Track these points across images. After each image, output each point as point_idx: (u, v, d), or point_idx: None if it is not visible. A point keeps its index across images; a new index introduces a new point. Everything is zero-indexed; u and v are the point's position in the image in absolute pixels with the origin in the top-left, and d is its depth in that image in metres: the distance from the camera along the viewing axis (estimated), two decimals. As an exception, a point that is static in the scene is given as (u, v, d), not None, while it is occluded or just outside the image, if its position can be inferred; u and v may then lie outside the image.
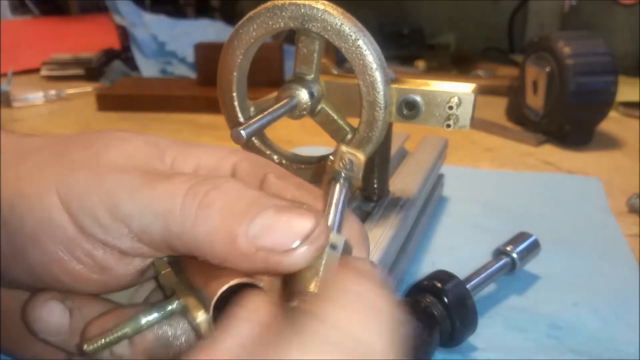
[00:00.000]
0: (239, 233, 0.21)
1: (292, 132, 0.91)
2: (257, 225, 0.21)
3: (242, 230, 0.21)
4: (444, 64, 1.47)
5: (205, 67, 1.14)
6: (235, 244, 0.21)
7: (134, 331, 0.22)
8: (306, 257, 0.21)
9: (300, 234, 0.21)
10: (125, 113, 1.09)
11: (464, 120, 0.41)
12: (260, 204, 0.21)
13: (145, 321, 0.22)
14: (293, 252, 0.21)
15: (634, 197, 0.65)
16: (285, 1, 0.38)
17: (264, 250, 0.21)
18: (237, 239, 0.21)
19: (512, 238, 0.51)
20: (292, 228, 0.21)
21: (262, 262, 0.21)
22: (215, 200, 0.21)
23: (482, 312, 0.45)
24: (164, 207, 0.21)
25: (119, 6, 1.44)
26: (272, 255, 0.21)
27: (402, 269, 0.49)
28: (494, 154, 0.87)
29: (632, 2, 1.33)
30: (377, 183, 0.48)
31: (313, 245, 0.21)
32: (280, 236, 0.21)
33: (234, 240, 0.21)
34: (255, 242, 0.21)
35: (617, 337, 0.43)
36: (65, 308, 0.24)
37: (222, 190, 0.22)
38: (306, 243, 0.21)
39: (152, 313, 0.22)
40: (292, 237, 0.21)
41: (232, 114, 0.44)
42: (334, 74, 0.45)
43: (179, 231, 0.21)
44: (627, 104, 1.08)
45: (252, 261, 0.21)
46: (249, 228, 0.21)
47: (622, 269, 0.53)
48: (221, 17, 1.83)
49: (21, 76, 1.40)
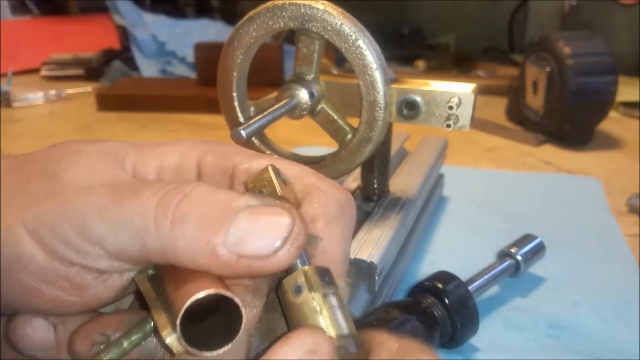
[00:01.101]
0: (218, 243, 0.20)
1: (292, 132, 0.91)
2: (234, 234, 0.20)
3: (219, 240, 0.20)
4: (444, 64, 1.47)
5: (205, 67, 1.14)
6: (216, 255, 0.20)
7: (119, 355, 0.22)
8: (289, 258, 0.21)
9: (279, 236, 0.21)
10: (125, 113, 1.09)
11: (464, 120, 0.41)
12: (233, 208, 0.21)
13: (128, 344, 0.22)
14: (275, 255, 0.20)
15: (634, 197, 0.65)
16: (285, 1, 0.38)
17: (246, 258, 0.20)
18: (217, 250, 0.20)
19: (516, 240, 0.51)
20: (271, 231, 0.21)
21: (245, 269, 0.21)
22: (187, 211, 0.21)
23: (484, 313, 0.45)
24: (138, 226, 0.21)
25: (119, 6, 1.44)
26: (255, 261, 0.20)
27: (402, 269, 0.49)
28: (494, 154, 0.87)
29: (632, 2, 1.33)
30: (377, 183, 0.48)
31: (293, 245, 0.21)
32: (260, 241, 0.20)
33: (214, 251, 0.20)
34: (236, 250, 0.20)
35: (617, 337, 0.43)
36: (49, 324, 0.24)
37: (193, 199, 0.21)
38: (287, 244, 0.21)
39: (133, 335, 0.22)
40: (272, 240, 0.20)
41: (232, 114, 0.44)
42: (334, 74, 0.45)
43: (156, 246, 0.21)
44: (627, 104, 1.08)
45: (235, 269, 0.21)
46: (227, 237, 0.20)
47: (622, 269, 0.53)
48: (221, 17, 1.83)
49: (21, 76, 1.40)
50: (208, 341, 0.20)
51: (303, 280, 0.20)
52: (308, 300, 0.20)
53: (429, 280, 0.41)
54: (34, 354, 0.24)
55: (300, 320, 0.20)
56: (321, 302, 0.20)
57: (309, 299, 0.20)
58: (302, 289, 0.20)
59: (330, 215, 0.24)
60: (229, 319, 0.20)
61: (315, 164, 0.44)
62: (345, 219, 0.25)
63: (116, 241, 0.21)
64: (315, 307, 0.20)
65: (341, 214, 0.24)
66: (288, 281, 0.21)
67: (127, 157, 0.25)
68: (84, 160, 0.23)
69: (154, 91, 1.14)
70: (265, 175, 0.23)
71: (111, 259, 0.22)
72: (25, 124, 1.05)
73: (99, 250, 0.21)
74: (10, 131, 0.99)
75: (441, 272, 0.42)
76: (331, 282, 0.21)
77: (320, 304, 0.20)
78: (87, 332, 0.23)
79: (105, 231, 0.21)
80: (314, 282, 0.20)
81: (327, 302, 0.20)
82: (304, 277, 0.21)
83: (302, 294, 0.20)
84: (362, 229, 0.43)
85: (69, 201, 0.21)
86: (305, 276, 0.21)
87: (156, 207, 0.21)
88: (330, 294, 0.20)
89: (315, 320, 0.20)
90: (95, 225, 0.21)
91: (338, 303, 0.20)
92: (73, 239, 0.21)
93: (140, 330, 0.22)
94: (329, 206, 0.24)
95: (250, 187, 0.24)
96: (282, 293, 0.21)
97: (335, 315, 0.20)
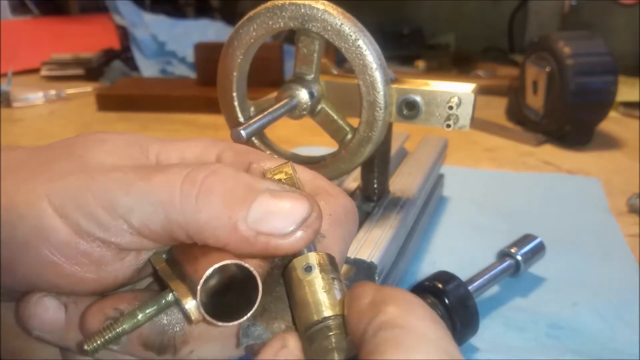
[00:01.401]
0: (239, 218, 0.21)
1: (292, 132, 0.91)
2: (255, 211, 0.21)
3: (242, 215, 0.21)
4: (444, 64, 1.47)
5: (205, 67, 1.14)
6: (237, 230, 0.21)
7: (132, 327, 0.22)
8: (304, 241, 0.22)
9: (297, 218, 0.22)
10: (125, 113, 1.09)
11: (464, 120, 0.41)
12: (256, 189, 0.22)
13: (142, 316, 0.22)
14: (291, 235, 0.22)
15: (634, 197, 0.65)
16: (285, 1, 0.38)
17: (264, 235, 0.21)
18: (238, 225, 0.21)
19: (516, 240, 0.51)
20: (290, 213, 0.22)
21: (262, 246, 0.22)
22: (214, 185, 0.21)
23: (484, 313, 0.45)
24: (163, 197, 0.21)
25: (119, 6, 1.44)
26: (272, 239, 0.21)
27: (402, 269, 0.49)
28: (494, 154, 0.87)
29: (632, 2, 1.33)
30: (377, 183, 0.48)
31: (309, 229, 0.22)
32: (279, 221, 0.22)
33: (235, 226, 0.21)
34: (256, 227, 0.21)
35: (617, 337, 0.43)
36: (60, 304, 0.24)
37: (220, 176, 0.22)
38: (303, 227, 0.22)
39: (148, 307, 0.22)
40: (291, 222, 0.22)
41: (232, 114, 0.44)
42: (334, 74, 0.45)
43: (180, 219, 0.21)
44: (627, 104, 1.08)
45: (253, 245, 0.21)
46: (249, 214, 0.21)
47: (622, 269, 0.53)
48: (221, 17, 1.83)
49: (21, 76, 1.40)
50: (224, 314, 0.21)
51: (315, 262, 0.22)
52: (318, 279, 0.21)
53: (429, 280, 0.41)
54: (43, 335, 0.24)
55: (306, 296, 0.21)
56: (329, 282, 0.21)
57: (319, 277, 0.21)
58: (312, 269, 0.22)
59: (336, 218, 0.25)
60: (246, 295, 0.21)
61: (315, 164, 0.44)
62: (348, 224, 0.26)
63: (141, 214, 0.21)
64: (323, 286, 0.21)
65: (345, 219, 0.26)
66: (299, 261, 0.22)
67: (151, 148, 0.26)
68: (109, 147, 0.24)
69: (154, 91, 1.14)
70: (284, 168, 0.25)
71: (133, 234, 0.22)
72: (25, 124, 1.05)
73: (122, 224, 0.22)
74: (10, 131, 0.99)
75: (441, 272, 0.42)
76: (337, 270, 0.23)
77: (329, 284, 0.21)
78: (100, 307, 0.23)
79: (130, 204, 0.21)
80: (324, 265, 0.22)
81: (334, 284, 0.22)
82: (316, 259, 0.22)
83: (312, 273, 0.22)
84: (362, 229, 0.43)
85: (95, 176, 0.22)
86: (317, 258, 0.22)
87: (183, 181, 0.22)
88: (337, 278, 0.22)
89: (320, 297, 0.21)
90: (120, 199, 0.21)
91: (341, 287, 0.22)
92: (98, 212, 0.21)
93: (155, 303, 0.22)
94: (336, 209, 0.25)
95: (268, 177, 0.25)
96: (289, 271, 0.22)
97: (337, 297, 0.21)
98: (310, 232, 0.22)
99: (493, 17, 1.65)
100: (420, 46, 1.63)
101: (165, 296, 0.22)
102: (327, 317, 0.20)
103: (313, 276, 0.21)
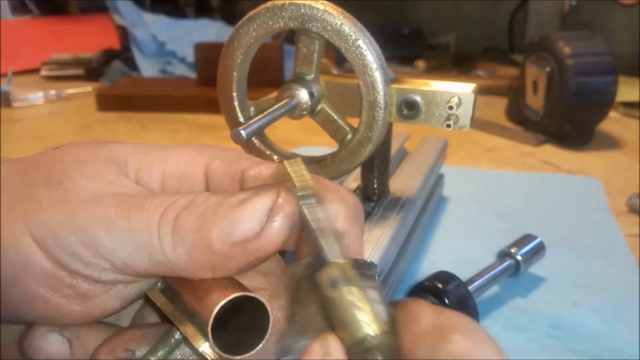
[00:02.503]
0: (212, 239, 0.21)
1: (292, 132, 0.91)
2: (226, 226, 0.21)
3: (215, 235, 0.21)
4: (444, 64, 1.47)
5: (205, 67, 1.14)
6: (214, 251, 0.21)
7: None
8: (279, 229, 0.21)
9: (263, 212, 0.21)
10: (125, 113, 1.09)
11: (464, 120, 0.41)
12: (225, 205, 0.21)
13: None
14: (264, 231, 0.21)
15: (634, 197, 0.65)
16: (285, 1, 0.38)
17: (239, 244, 0.21)
18: (213, 245, 0.21)
19: (516, 240, 0.51)
20: (254, 210, 0.21)
21: (242, 256, 0.21)
22: (187, 218, 0.21)
23: (484, 313, 0.45)
24: (143, 239, 0.21)
25: (119, 6, 1.44)
26: (247, 244, 0.21)
27: (402, 269, 0.49)
28: (494, 154, 0.87)
29: (632, 2, 1.33)
30: (377, 183, 0.48)
31: (280, 214, 0.21)
32: (245, 223, 0.21)
33: (210, 248, 0.21)
34: (229, 240, 0.21)
35: (617, 337, 0.43)
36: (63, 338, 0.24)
37: (192, 207, 0.21)
38: (272, 216, 0.21)
39: (159, 350, 0.22)
40: (257, 218, 0.21)
41: (232, 114, 0.44)
42: (334, 74, 0.45)
43: (162, 260, 0.21)
44: (627, 104, 1.08)
45: (235, 259, 0.21)
46: (221, 230, 0.21)
47: (622, 269, 0.53)
48: (221, 17, 1.83)
49: (21, 76, 1.40)
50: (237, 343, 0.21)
51: (338, 274, 0.19)
52: (347, 295, 0.19)
53: (429, 280, 0.41)
54: None
55: (340, 315, 0.19)
56: (361, 296, 0.19)
57: (348, 293, 0.19)
58: (338, 283, 0.19)
59: (351, 215, 0.24)
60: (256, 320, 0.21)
61: (315, 164, 0.44)
62: (360, 223, 0.25)
63: (123, 254, 0.21)
64: (353, 302, 0.19)
65: (359, 216, 0.25)
66: (322, 275, 0.20)
67: (130, 163, 0.25)
68: (89, 169, 0.23)
69: (154, 91, 1.14)
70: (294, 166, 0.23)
71: (117, 272, 0.22)
72: (25, 124, 1.05)
73: (105, 263, 0.21)
74: (10, 131, 0.99)
75: (441, 272, 0.42)
76: (369, 276, 0.20)
77: (361, 298, 0.19)
78: (110, 348, 0.23)
79: (112, 245, 0.21)
80: (350, 276, 0.20)
81: (368, 295, 0.19)
82: (339, 271, 0.20)
83: (338, 288, 0.19)
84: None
85: (76, 212, 0.21)
86: (340, 269, 0.20)
87: (160, 220, 0.21)
88: (368, 287, 0.19)
89: (354, 315, 0.19)
90: (102, 239, 0.21)
91: (377, 297, 0.19)
92: (79, 250, 0.21)
93: (165, 344, 0.22)
94: (349, 207, 0.24)
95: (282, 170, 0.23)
96: (320, 287, 0.20)
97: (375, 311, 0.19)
98: (283, 217, 0.21)
99: (493, 17, 1.65)
100: (420, 46, 1.63)
101: (173, 334, 0.22)
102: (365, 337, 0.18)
103: (341, 293, 0.19)
